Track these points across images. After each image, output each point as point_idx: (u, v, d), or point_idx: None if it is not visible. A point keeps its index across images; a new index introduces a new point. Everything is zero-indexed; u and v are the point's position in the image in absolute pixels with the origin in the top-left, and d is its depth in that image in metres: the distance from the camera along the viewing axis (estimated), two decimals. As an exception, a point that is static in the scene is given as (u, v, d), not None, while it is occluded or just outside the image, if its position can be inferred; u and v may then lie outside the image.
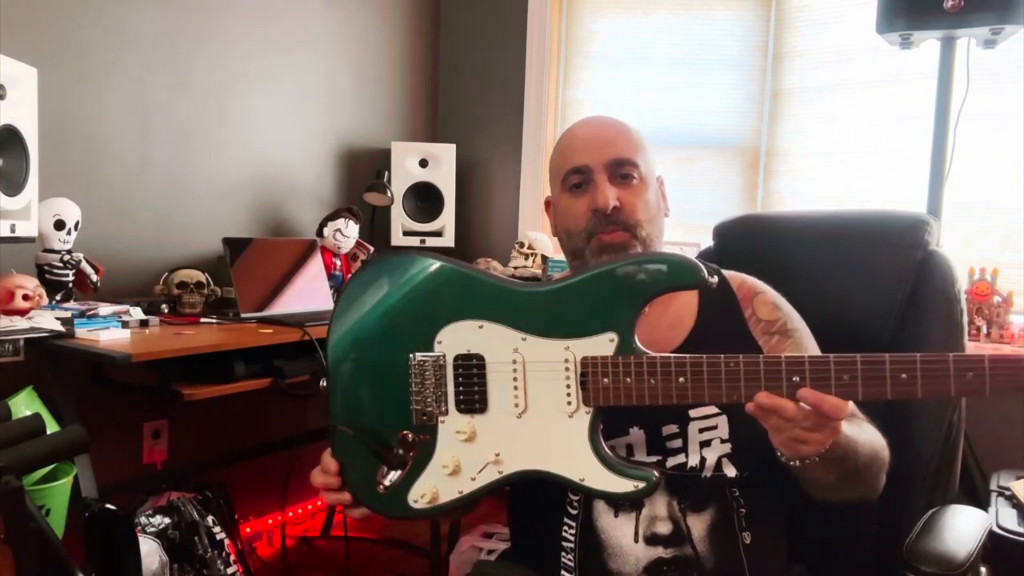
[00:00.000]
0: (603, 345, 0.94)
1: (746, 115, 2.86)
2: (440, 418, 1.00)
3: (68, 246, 2.03)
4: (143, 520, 1.96)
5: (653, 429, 1.08)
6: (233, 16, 2.57)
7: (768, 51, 2.81)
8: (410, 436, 1.01)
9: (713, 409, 1.07)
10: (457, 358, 1.00)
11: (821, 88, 2.71)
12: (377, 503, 1.02)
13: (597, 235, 1.09)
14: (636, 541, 1.06)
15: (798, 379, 0.86)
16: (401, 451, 1.00)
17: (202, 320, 2.17)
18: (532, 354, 0.97)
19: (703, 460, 1.07)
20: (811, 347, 1.14)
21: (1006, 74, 2.33)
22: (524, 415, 0.97)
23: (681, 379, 0.90)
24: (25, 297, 1.78)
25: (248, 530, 2.53)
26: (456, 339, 1.00)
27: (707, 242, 1.57)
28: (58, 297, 2.00)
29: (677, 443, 1.08)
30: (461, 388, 0.99)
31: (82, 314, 1.87)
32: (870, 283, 1.33)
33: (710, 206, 2.84)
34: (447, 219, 3.00)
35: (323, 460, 1.04)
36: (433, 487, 0.99)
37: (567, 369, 0.95)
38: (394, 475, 1.00)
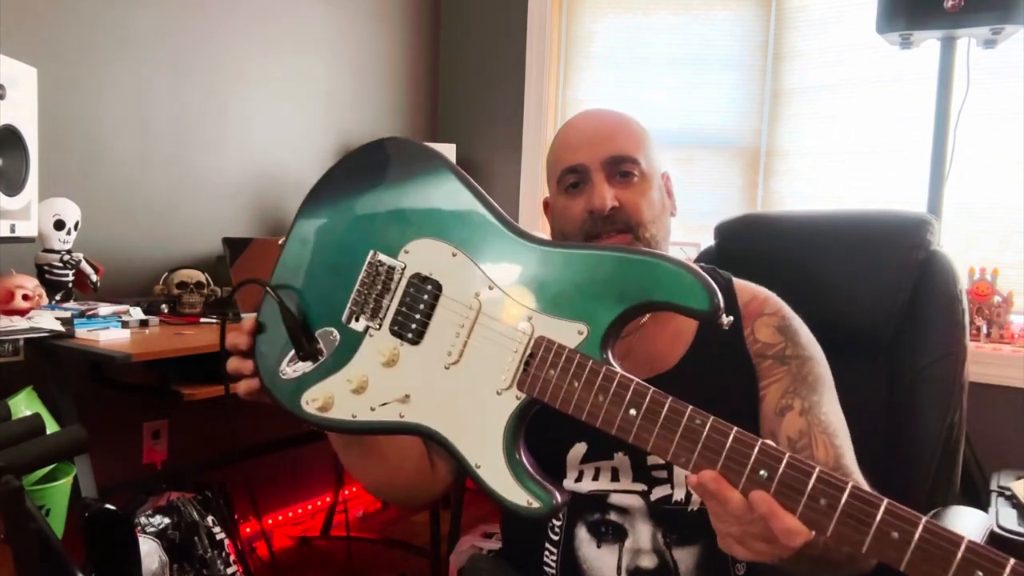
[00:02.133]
0: (568, 333, 0.81)
1: (746, 115, 2.86)
2: (370, 330, 0.90)
3: (68, 246, 2.03)
4: (143, 520, 1.96)
5: (639, 455, 1.01)
6: (233, 16, 2.57)
7: (768, 51, 2.81)
8: (334, 334, 0.92)
9: None
10: (415, 276, 0.90)
11: (821, 88, 2.71)
12: (273, 384, 0.93)
13: (595, 238, 1.02)
14: (619, 574, 1.01)
15: (765, 474, 0.68)
16: (320, 345, 0.92)
17: (202, 320, 2.17)
18: (491, 308, 0.86)
19: (688, 494, 1.01)
20: (814, 382, 1.02)
21: (1006, 74, 2.33)
22: (453, 368, 0.86)
23: (632, 411, 0.74)
24: (25, 297, 1.78)
25: (248, 530, 2.53)
26: (423, 256, 0.90)
27: (707, 242, 1.57)
28: (58, 297, 2.00)
29: (662, 473, 1.02)
30: (404, 309, 0.89)
31: (82, 314, 1.87)
32: (872, 283, 1.33)
33: (710, 206, 2.84)
34: (447, 219, 3.00)
35: (243, 321, 0.96)
36: (330, 395, 0.90)
37: (518, 340, 0.83)
38: (301, 365, 0.92)
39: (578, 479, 1.04)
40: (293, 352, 0.92)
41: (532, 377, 0.81)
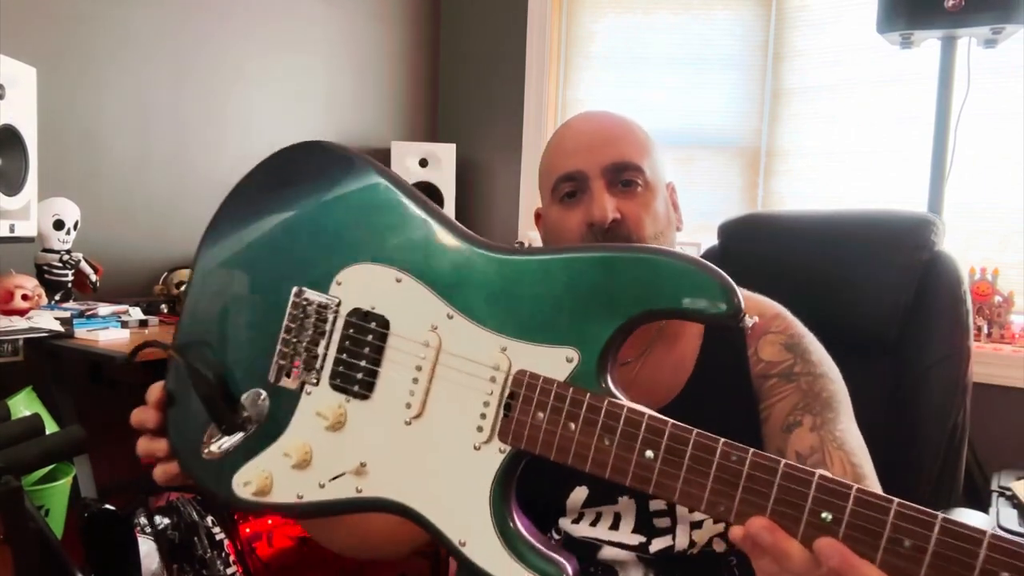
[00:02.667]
0: (555, 362, 0.65)
1: (746, 115, 2.86)
2: (306, 387, 0.73)
3: (67, 246, 2.03)
4: (142, 520, 1.95)
5: (642, 501, 0.91)
6: (233, 16, 2.56)
7: (768, 51, 2.81)
8: (262, 396, 0.75)
9: None
10: (353, 313, 0.73)
11: (821, 88, 2.70)
12: (197, 467, 0.76)
13: None
14: None
15: (829, 517, 0.54)
16: (245, 412, 0.75)
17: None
18: (453, 342, 0.69)
19: (692, 542, 0.91)
20: (828, 399, 0.90)
21: (1007, 74, 2.33)
22: (416, 423, 0.69)
23: (649, 453, 0.59)
24: (24, 297, 1.78)
25: (248, 530, 2.52)
26: (361, 286, 0.73)
27: (707, 242, 1.57)
28: (57, 297, 2.00)
29: (665, 522, 0.91)
30: (344, 356, 0.72)
31: (81, 314, 1.87)
32: (876, 283, 1.33)
33: (710, 206, 2.84)
34: (447, 219, 3.00)
35: (149, 390, 0.81)
36: (266, 476, 0.73)
37: (492, 379, 0.66)
38: (224, 441, 0.75)
39: (576, 520, 0.95)
40: (212, 425, 0.76)
41: (516, 424, 0.65)
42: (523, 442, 0.64)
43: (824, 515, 0.54)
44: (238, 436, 0.75)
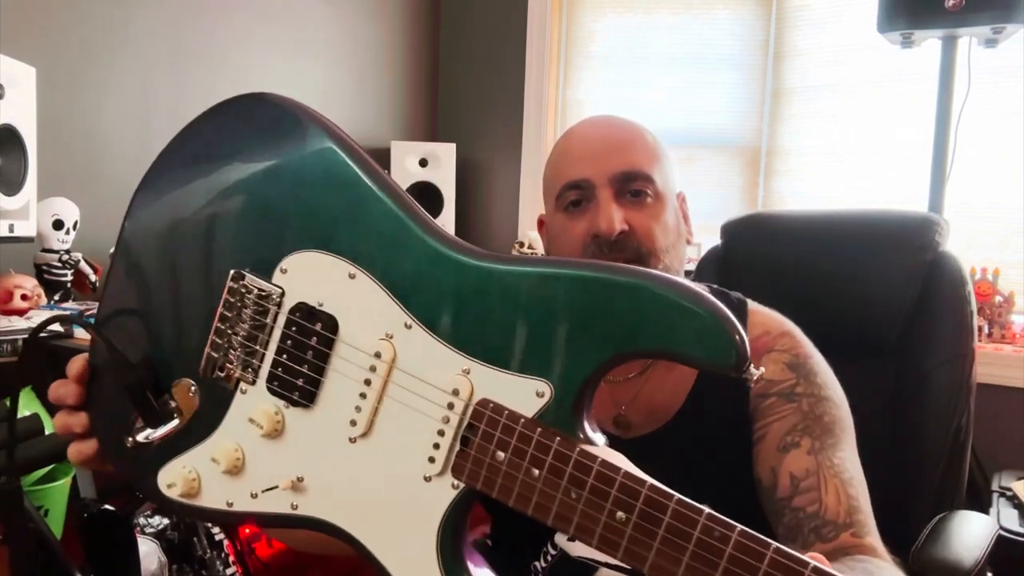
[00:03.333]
0: (523, 394, 0.57)
1: (747, 114, 2.85)
2: (242, 384, 0.66)
3: (67, 246, 2.03)
4: (142, 521, 1.95)
5: None
6: (233, 16, 2.56)
7: (769, 50, 2.81)
8: (192, 389, 0.67)
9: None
10: (297, 309, 0.64)
11: (822, 87, 2.70)
12: (118, 454, 0.69)
13: None
14: None
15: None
16: (171, 403, 0.67)
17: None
18: (410, 355, 0.61)
19: None
20: (830, 423, 0.86)
21: (1007, 73, 2.33)
22: (361, 442, 0.62)
23: (620, 514, 0.52)
24: (23, 297, 1.78)
25: (248, 530, 2.52)
26: (308, 278, 0.64)
27: (708, 242, 1.57)
28: (56, 297, 2.00)
29: None
30: (285, 357, 0.64)
31: (81, 314, 1.87)
32: (879, 283, 1.32)
33: (711, 206, 2.83)
34: (447, 219, 3.00)
35: (71, 362, 0.71)
36: (192, 478, 0.66)
37: (450, 405, 0.59)
38: (147, 433, 0.67)
39: (571, 538, 0.92)
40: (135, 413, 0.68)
41: (472, 461, 0.57)
42: (479, 482, 0.57)
43: None
44: (164, 428, 0.67)
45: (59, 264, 2.01)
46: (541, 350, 0.57)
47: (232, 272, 0.66)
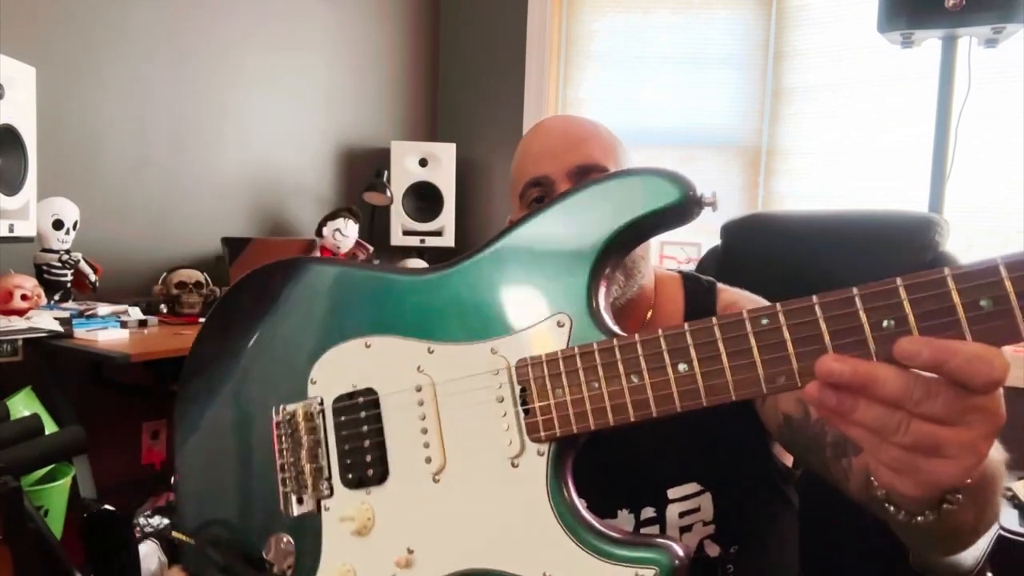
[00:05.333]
0: (549, 336, 0.61)
1: (747, 114, 2.85)
2: (323, 503, 0.68)
3: (66, 246, 2.03)
4: (142, 521, 1.95)
5: (636, 511, 0.89)
6: (232, 15, 2.56)
7: (769, 50, 2.81)
8: (284, 540, 0.69)
9: (694, 487, 0.87)
10: (339, 400, 0.69)
11: (822, 87, 2.70)
12: None
13: None
14: None
15: (891, 323, 0.47)
16: (276, 567, 0.69)
17: (201, 320, 2.16)
18: (444, 370, 0.65)
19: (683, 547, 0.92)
20: None
21: (1008, 73, 2.33)
22: (444, 475, 0.64)
23: (683, 367, 0.54)
24: (23, 297, 1.78)
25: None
26: (336, 372, 0.70)
27: (708, 241, 1.57)
28: (56, 297, 2.00)
29: (653, 530, 0.89)
30: (347, 447, 0.68)
31: (80, 314, 1.87)
32: (878, 283, 1.32)
33: (710, 206, 2.84)
34: (447, 219, 3.00)
35: (170, 573, 0.78)
36: None
37: (499, 386, 0.62)
38: None
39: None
40: None
41: (541, 414, 0.60)
42: (556, 428, 0.59)
43: (886, 323, 0.47)
44: None
45: (59, 264, 2.01)
46: (542, 292, 0.62)
47: (273, 410, 0.72)
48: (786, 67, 2.78)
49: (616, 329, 0.60)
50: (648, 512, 0.89)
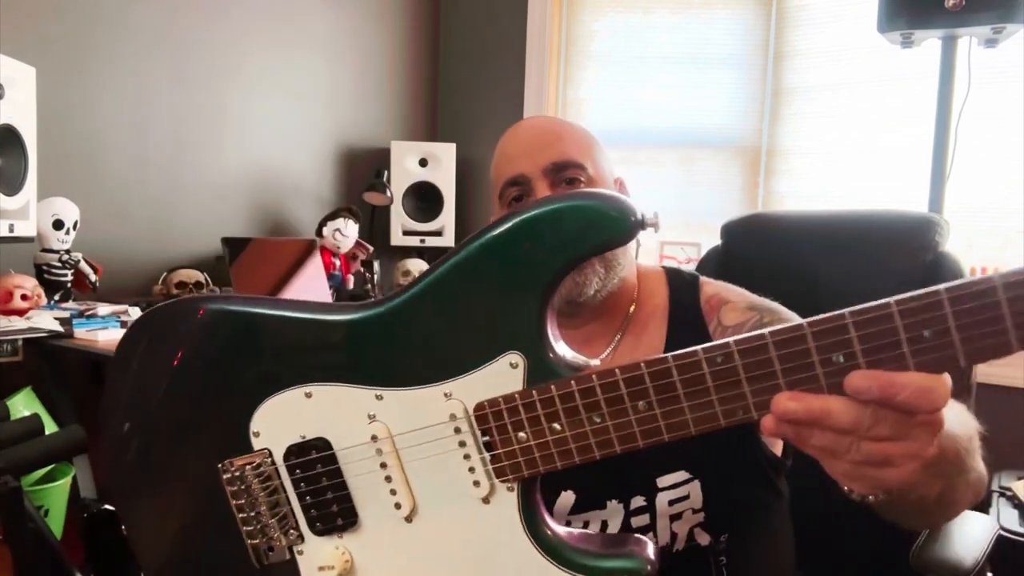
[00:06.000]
0: (503, 376, 0.60)
1: (747, 114, 2.85)
2: (296, 548, 0.68)
3: (67, 246, 2.03)
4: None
5: (627, 501, 0.90)
6: (232, 15, 2.56)
7: (769, 50, 2.81)
8: None
9: (683, 475, 0.89)
10: (289, 452, 0.67)
11: (822, 87, 2.70)
12: None
13: None
14: None
15: (841, 357, 0.50)
16: None
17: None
18: (399, 418, 0.63)
19: (674, 535, 0.90)
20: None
21: (1008, 73, 2.33)
22: (416, 517, 0.64)
23: (642, 404, 0.56)
24: (24, 297, 1.78)
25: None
26: (280, 423, 0.67)
27: (708, 241, 1.57)
28: (56, 297, 2.00)
29: (644, 519, 0.90)
30: (309, 498, 0.67)
31: (81, 314, 1.87)
32: (879, 284, 1.30)
33: (710, 206, 2.84)
34: (447, 219, 3.00)
35: None
36: None
37: (457, 430, 0.61)
38: None
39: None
40: None
41: (506, 456, 0.61)
42: (524, 471, 0.60)
43: (836, 357, 0.50)
44: None
45: (59, 264, 2.01)
46: (490, 330, 0.60)
47: (220, 466, 0.68)
48: (786, 67, 2.78)
49: (569, 357, 0.61)
50: (638, 501, 0.90)
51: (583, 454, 0.58)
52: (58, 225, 2.00)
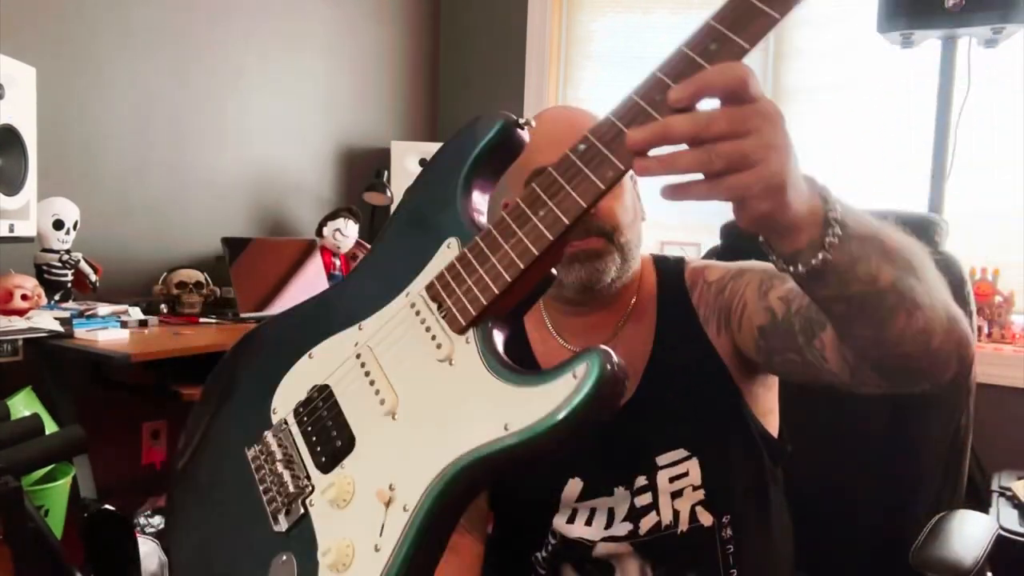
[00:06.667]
0: (445, 259, 0.71)
1: (746, 115, 2.85)
2: (309, 499, 0.70)
3: (67, 246, 2.03)
4: (142, 520, 1.95)
5: (630, 485, 0.94)
6: (232, 15, 2.56)
7: (769, 50, 2.81)
8: (283, 559, 0.69)
9: (682, 453, 0.93)
10: (298, 408, 0.75)
11: (822, 87, 2.70)
12: None
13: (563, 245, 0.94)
14: None
15: (660, 97, 0.60)
16: None
17: (201, 320, 2.16)
18: (374, 331, 0.73)
19: (676, 513, 0.94)
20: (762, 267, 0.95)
21: (1008, 74, 2.33)
22: (398, 409, 0.68)
23: (542, 212, 0.64)
24: (24, 297, 1.78)
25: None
26: (291, 391, 0.77)
27: (708, 242, 1.57)
28: (57, 297, 2.00)
29: (647, 498, 0.94)
30: (314, 436, 0.72)
31: (81, 314, 1.87)
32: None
33: (710, 206, 2.75)
34: (447, 219, 3.00)
35: None
36: None
37: (417, 312, 0.70)
38: None
39: (570, 519, 0.97)
40: None
41: (457, 307, 0.67)
42: (470, 307, 0.66)
43: (656, 97, 0.62)
44: None
45: (59, 264, 2.01)
46: (430, 234, 0.73)
47: (246, 452, 0.77)
48: (786, 67, 2.78)
49: (483, 222, 0.73)
50: (640, 481, 0.94)
51: (509, 269, 0.65)
52: (58, 225, 2.00)
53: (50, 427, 1.54)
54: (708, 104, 0.59)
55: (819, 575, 1.18)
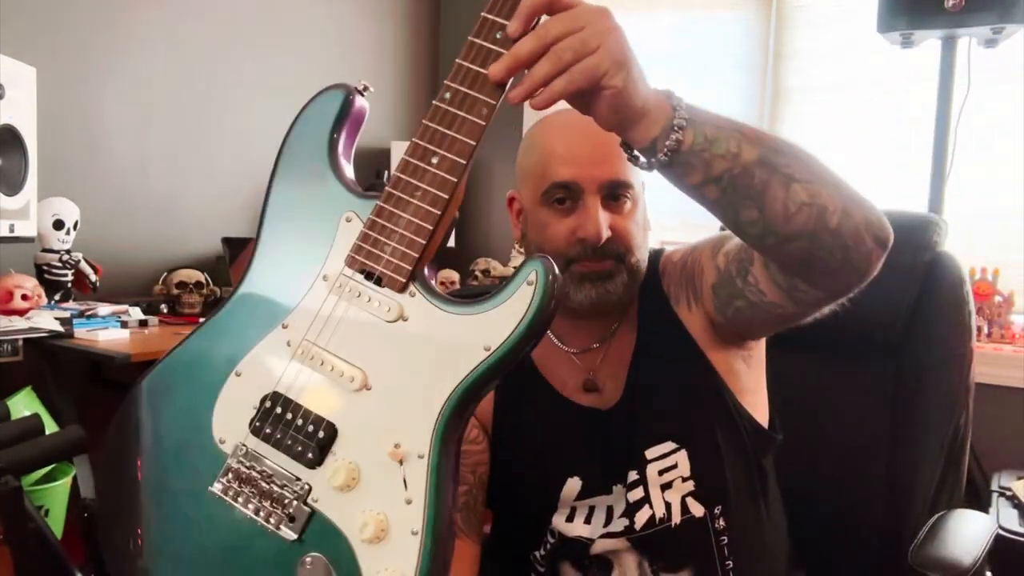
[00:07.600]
0: (350, 233, 0.73)
1: (747, 114, 2.85)
2: (310, 498, 0.69)
3: (67, 246, 2.03)
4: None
5: (624, 482, 0.96)
6: (233, 15, 2.56)
7: (769, 50, 2.81)
8: (307, 561, 0.68)
9: (670, 445, 0.95)
10: (253, 425, 0.72)
11: (822, 87, 2.70)
12: None
13: (579, 262, 0.93)
14: None
15: (499, 34, 0.70)
16: None
17: (201, 320, 2.16)
18: (304, 323, 0.73)
19: (668, 505, 0.95)
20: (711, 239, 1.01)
21: (1008, 73, 2.33)
22: (370, 380, 0.70)
23: (435, 159, 0.73)
24: (24, 297, 1.78)
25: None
26: (233, 415, 0.73)
27: (708, 242, 1.57)
28: (57, 297, 2.00)
29: (639, 492, 0.95)
30: (288, 441, 0.71)
31: (81, 314, 1.87)
32: (877, 284, 1.31)
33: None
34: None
35: None
36: (397, 570, 0.66)
37: (348, 289, 0.72)
38: None
39: (569, 518, 0.99)
40: None
41: (388, 268, 0.71)
42: (409, 265, 0.70)
43: (498, 35, 0.70)
44: None
45: (59, 264, 2.01)
46: (320, 216, 0.76)
47: (211, 488, 0.72)
48: (786, 67, 2.78)
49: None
50: (632, 476, 0.95)
51: (427, 219, 0.71)
52: (58, 225, 2.00)
53: (50, 427, 1.54)
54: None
55: (818, 574, 1.18)
